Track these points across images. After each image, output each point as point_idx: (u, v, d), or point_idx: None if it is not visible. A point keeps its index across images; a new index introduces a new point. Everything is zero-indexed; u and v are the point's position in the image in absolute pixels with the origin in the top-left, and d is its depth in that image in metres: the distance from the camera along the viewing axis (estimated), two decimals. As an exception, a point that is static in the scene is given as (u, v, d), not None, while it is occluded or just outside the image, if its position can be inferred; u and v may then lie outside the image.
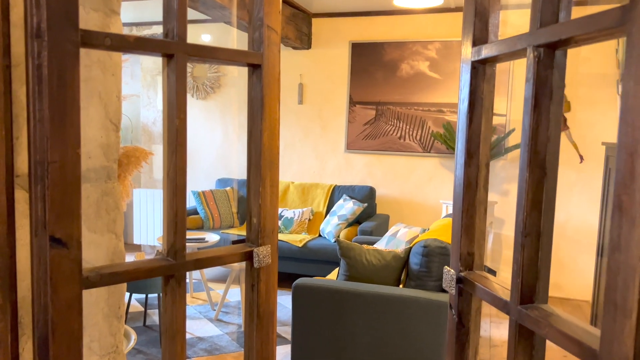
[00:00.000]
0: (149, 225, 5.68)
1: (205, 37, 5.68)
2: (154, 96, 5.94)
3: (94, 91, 1.01)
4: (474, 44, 0.90)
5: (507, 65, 4.67)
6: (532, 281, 0.76)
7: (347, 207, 4.79)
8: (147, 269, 0.90)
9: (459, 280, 0.93)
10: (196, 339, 3.54)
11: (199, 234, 4.34)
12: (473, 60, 0.89)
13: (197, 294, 4.47)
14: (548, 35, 0.70)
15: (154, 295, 4.14)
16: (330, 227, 4.73)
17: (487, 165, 0.93)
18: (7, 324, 0.88)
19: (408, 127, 5.09)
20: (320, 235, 4.88)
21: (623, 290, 0.57)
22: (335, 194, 5.10)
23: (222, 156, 5.79)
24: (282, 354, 3.34)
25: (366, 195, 4.98)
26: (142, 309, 4.06)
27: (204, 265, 0.97)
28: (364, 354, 2.66)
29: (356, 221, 4.88)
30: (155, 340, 3.52)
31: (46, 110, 0.78)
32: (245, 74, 1.10)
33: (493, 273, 4.47)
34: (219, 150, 5.79)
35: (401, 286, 2.91)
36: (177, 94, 0.91)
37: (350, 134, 5.30)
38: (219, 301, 4.16)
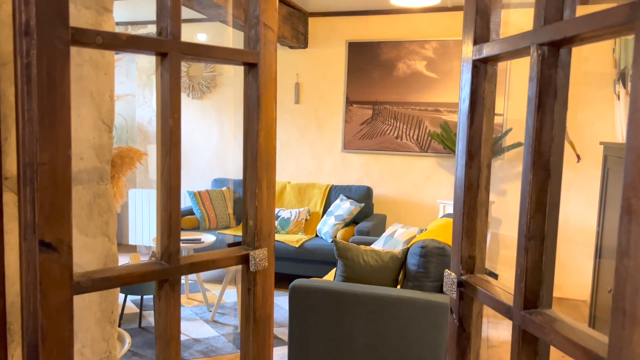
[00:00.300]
0: (145, 226, 5.64)
1: (201, 36, 5.65)
2: (149, 96, 5.91)
3: (85, 91, 0.98)
4: (475, 42, 0.88)
5: (505, 64, 4.66)
6: (536, 286, 0.74)
7: (344, 207, 4.78)
8: (140, 273, 0.88)
9: (460, 284, 0.91)
10: (192, 340, 3.52)
11: (194, 235, 4.31)
12: (474, 59, 0.87)
13: (193, 295, 4.44)
14: (552, 33, 0.68)
15: (149, 297, 4.11)
16: (327, 227, 4.70)
17: (489, 166, 0.91)
18: (-4, 330, 0.85)
19: (405, 126, 5.08)
20: (317, 236, 4.86)
21: (632, 296, 0.55)
22: (332, 194, 5.08)
23: (218, 156, 5.76)
24: (278, 356, 3.32)
25: (363, 195, 4.96)
26: (137, 310, 4.03)
27: (198, 269, 0.94)
28: (362, 356, 2.64)
29: (353, 221, 4.86)
30: (151, 342, 3.49)
31: (35, 110, 0.76)
32: (241, 73, 1.07)
33: (494, 276, 4.45)
34: (215, 150, 5.76)
35: (399, 287, 2.89)
36: (171, 93, 0.89)
37: (347, 133, 5.28)
38: (215, 302, 4.13)
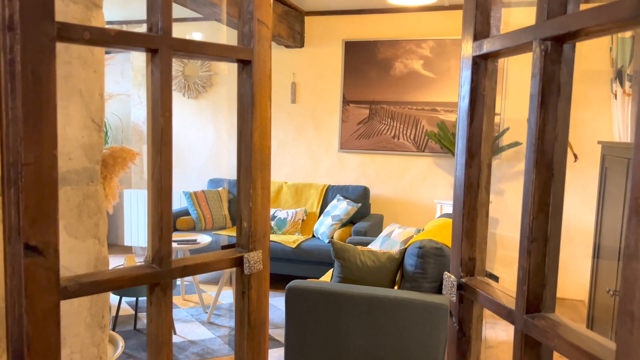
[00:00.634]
0: (140, 227, 5.60)
1: (196, 35, 5.61)
2: (144, 95, 5.87)
3: (74, 89, 0.95)
4: (475, 38, 0.85)
5: (501, 63, 4.65)
6: (539, 289, 0.72)
7: (340, 207, 4.75)
8: (131, 277, 0.85)
9: (459, 287, 0.89)
10: (188, 342, 3.49)
11: (190, 236, 4.28)
12: (474, 55, 0.85)
13: (188, 297, 4.41)
14: (556, 28, 0.66)
15: (144, 299, 4.07)
16: (324, 227, 4.68)
17: (489, 166, 0.89)
18: (-19, 336, 0.83)
19: (402, 126, 5.06)
20: (313, 236, 4.83)
21: (641, 301, 0.53)
22: (328, 194, 5.06)
23: (214, 156, 5.73)
24: (275, 357, 3.29)
25: (360, 195, 4.93)
26: (132, 312, 4.00)
27: (191, 272, 0.92)
28: (359, 358, 2.61)
29: (350, 221, 4.84)
30: (146, 344, 3.46)
31: (20, 108, 0.73)
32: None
33: (495, 279, 4.40)
34: (211, 150, 5.73)
35: (396, 288, 2.87)
36: (162, 90, 0.86)
37: (343, 133, 5.25)
38: (211, 304, 4.10)
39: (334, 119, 5.30)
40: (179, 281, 4.37)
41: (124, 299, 4.16)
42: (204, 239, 4.21)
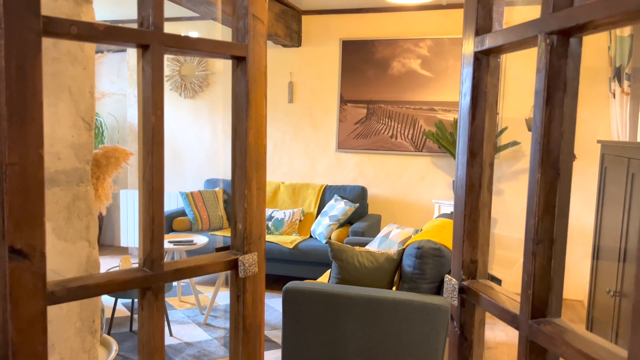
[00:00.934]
0: (137, 228, 5.56)
1: (192, 34, 5.58)
2: (141, 95, 5.82)
3: (63, 86, 0.92)
4: (477, 33, 0.82)
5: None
6: (544, 293, 0.69)
7: (338, 207, 4.72)
8: (121, 281, 0.82)
9: (461, 290, 0.86)
10: (184, 344, 3.45)
11: (186, 236, 4.25)
12: (476, 50, 0.82)
13: (185, 298, 4.38)
14: (563, 20, 0.63)
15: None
16: (322, 228, 4.65)
17: (491, 165, 0.86)
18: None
19: (400, 125, 5.03)
20: (311, 237, 4.81)
21: (656, 307, 0.50)
22: (326, 194, 5.03)
23: (210, 156, 5.69)
24: (272, 359, 3.26)
25: (358, 195, 4.91)
26: (128, 313, 3.96)
27: (184, 275, 0.89)
28: (357, 359, 2.58)
29: (348, 222, 4.81)
30: (142, 345, 3.42)
31: (4, 106, 0.70)
32: (229, 67, 1.01)
33: (498, 282, 4.36)
34: (207, 150, 5.69)
35: (394, 289, 2.84)
36: (153, 88, 0.83)
37: (341, 133, 5.22)
38: (207, 305, 4.07)
39: (332, 118, 5.27)
40: (175, 282, 4.34)
41: (120, 300, 4.12)
42: (200, 239, 4.18)
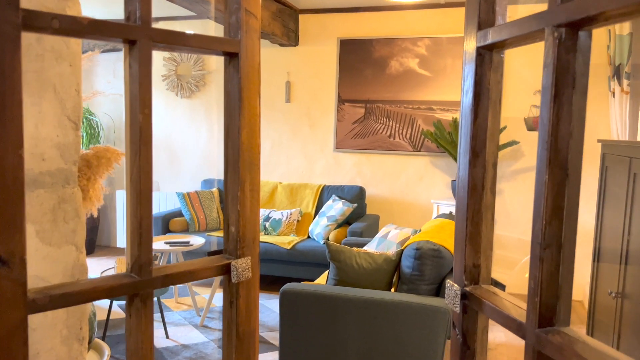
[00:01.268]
0: (133, 228, 5.51)
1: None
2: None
3: (47, 84, 0.88)
4: (480, 27, 0.79)
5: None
6: (552, 300, 0.65)
7: (336, 207, 4.69)
8: (107, 287, 0.78)
9: (463, 296, 0.82)
10: (180, 346, 3.41)
11: (183, 237, 4.21)
12: (479, 46, 0.79)
13: (181, 299, 4.34)
14: (572, 12, 0.59)
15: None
16: (320, 228, 4.61)
17: (495, 165, 0.82)
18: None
19: (398, 125, 5.00)
20: (309, 237, 4.77)
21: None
22: (324, 194, 4.99)
23: (207, 156, 5.65)
24: (270, 361, 3.23)
25: (356, 196, 4.87)
26: (124, 315, 3.92)
27: (173, 281, 0.85)
28: (355, 362, 2.55)
29: (346, 222, 4.77)
30: (138, 348, 3.38)
31: (-20, 104, 0.66)
32: (221, 64, 0.98)
33: (502, 287, 4.31)
34: (204, 150, 5.65)
35: (393, 290, 2.81)
36: (141, 85, 0.80)
37: (339, 132, 5.19)
38: (204, 306, 4.03)
39: (329, 118, 5.23)
40: (172, 284, 4.29)
41: (115, 302, 4.08)
42: (197, 240, 4.14)
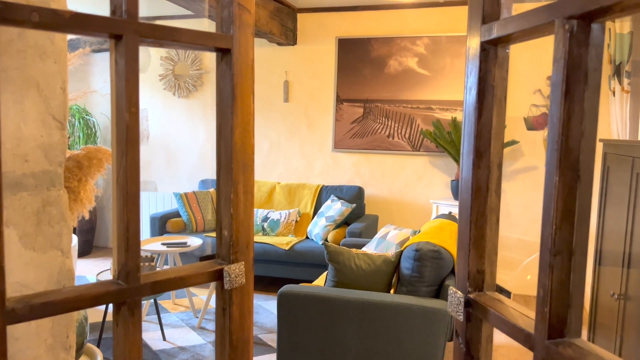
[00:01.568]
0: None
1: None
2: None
3: (30, 81, 0.84)
4: (484, 21, 0.75)
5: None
6: (563, 310, 0.62)
7: (335, 207, 4.65)
8: (92, 296, 0.74)
9: (467, 304, 0.78)
10: (178, 349, 3.37)
11: (180, 238, 4.16)
12: (483, 40, 0.75)
13: (179, 301, 4.29)
14: (585, 3, 0.55)
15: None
16: (318, 228, 4.57)
17: (500, 166, 0.79)
18: None
19: (397, 125, 4.96)
20: (307, 238, 4.73)
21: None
22: (322, 194, 4.95)
23: (205, 156, 5.61)
24: (268, 364, 3.19)
25: (354, 196, 4.83)
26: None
27: (163, 289, 0.81)
28: (354, 365, 2.51)
29: (344, 222, 4.74)
30: (134, 351, 3.34)
31: (-46, 102, 0.62)
32: (213, 61, 0.93)
33: (507, 294, 4.23)
34: (202, 150, 5.61)
35: (392, 291, 2.77)
36: (127, 82, 0.76)
37: (337, 132, 5.15)
38: (202, 308, 3.99)
39: (328, 118, 5.19)
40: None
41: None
42: (194, 241, 4.10)
